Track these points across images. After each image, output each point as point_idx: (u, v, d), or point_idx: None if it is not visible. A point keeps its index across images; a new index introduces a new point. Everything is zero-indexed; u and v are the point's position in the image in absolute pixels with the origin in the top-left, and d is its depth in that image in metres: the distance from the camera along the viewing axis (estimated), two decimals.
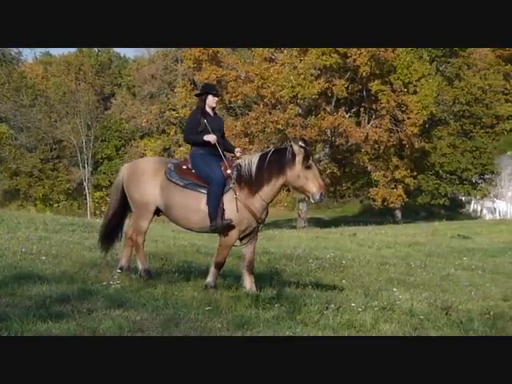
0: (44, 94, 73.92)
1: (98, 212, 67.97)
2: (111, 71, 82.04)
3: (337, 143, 49.63)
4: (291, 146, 9.36)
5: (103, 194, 71.60)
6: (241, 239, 9.61)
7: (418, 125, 49.54)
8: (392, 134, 50.46)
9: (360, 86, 51.42)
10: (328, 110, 50.48)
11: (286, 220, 54.54)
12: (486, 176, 60.50)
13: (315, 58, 47.02)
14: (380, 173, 51.79)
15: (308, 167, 9.27)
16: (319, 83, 47.27)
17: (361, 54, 46.42)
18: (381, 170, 52.00)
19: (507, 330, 8.28)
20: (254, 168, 9.36)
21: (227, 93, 47.96)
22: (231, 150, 9.96)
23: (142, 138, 73.54)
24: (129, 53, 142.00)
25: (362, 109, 51.95)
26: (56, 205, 70.39)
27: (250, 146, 44.68)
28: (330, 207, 68.77)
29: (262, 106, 48.80)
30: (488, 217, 63.14)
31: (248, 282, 9.51)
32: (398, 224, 49.55)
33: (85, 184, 69.84)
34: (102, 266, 10.29)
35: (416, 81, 50.48)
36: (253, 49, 49.88)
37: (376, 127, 49.41)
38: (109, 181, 70.71)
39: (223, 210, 9.25)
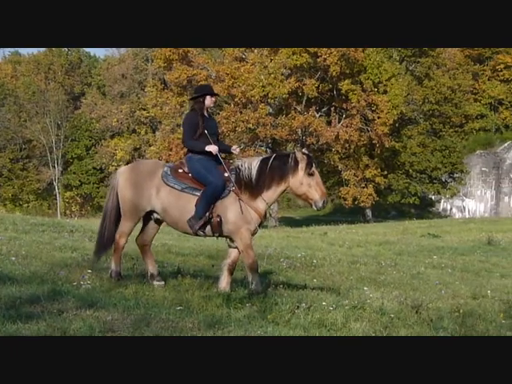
0: (13, 93, 73.27)
1: (68, 212, 67.56)
2: (81, 70, 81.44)
3: (307, 142, 49.70)
4: (294, 152, 9.34)
5: (73, 193, 71.21)
6: (233, 240, 9.46)
7: (388, 124, 49.87)
8: (362, 134, 50.75)
9: (330, 86, 51.63)
10: (298, 109, 50.63)
11: None
12: (455, 175, 60.99)
13: (285, 57, 47.23)
14: (350, 172, 52.08)
15: (311, 174, 9.26)
16: (290, 83, 47.45)
17: (331, 53, 46.63)
18: (351, 169, 52.29)
19: (476, 327, 8.36)
20: (254, 172, 9.28)
21: None
22: (227, 149, 9.91)
23: (112, 137, 73.01)
24: (99, 52, 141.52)
25: (332, 108, 52.25)
26: (26, 205, 69.84)
27: None
28: (301, 206, 68.86)
29: (232, 106, 48.83)
30: (457, 215, 63.74)
31: (224, 282, 9.42)
32: (368, 223, 49.95)
33: (55, 184, 69.38)
34: (72, 267, 10.22)
35: (386, 80, 50.87)
36: (223, 48, 49.87)
37: (346, 126, 49.59)
38: (79, 180, 70.36)
39: (220, 219, 9.13)
